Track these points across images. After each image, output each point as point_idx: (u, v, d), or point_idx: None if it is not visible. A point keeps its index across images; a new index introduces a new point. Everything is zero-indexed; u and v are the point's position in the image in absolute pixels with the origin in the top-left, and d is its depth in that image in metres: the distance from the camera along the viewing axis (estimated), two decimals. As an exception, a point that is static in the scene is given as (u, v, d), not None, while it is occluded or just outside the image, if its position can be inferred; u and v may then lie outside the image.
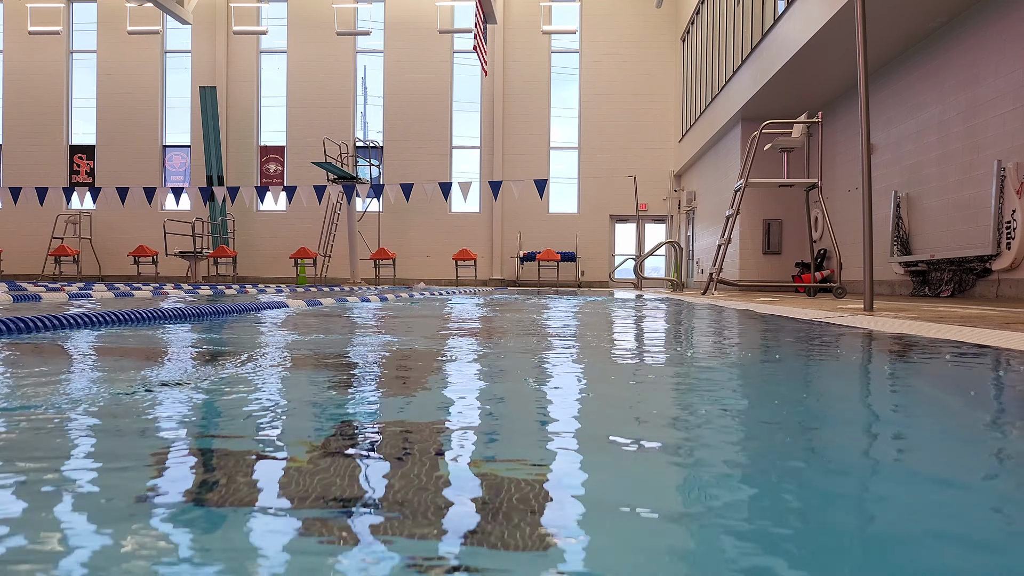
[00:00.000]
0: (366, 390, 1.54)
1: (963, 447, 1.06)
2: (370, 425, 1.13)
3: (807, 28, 9.34)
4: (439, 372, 1.85)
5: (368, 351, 2.38)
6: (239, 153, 20.49)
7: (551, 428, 1.14)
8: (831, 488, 0.81)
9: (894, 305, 5.71)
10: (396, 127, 20.23)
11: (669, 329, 3.97)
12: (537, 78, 20.17)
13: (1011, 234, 7.30)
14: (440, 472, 0.83)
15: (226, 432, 1.08)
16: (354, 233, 17.78)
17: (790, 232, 13.73)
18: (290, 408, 1.29)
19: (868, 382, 1.88)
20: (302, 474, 0.83)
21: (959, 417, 1.32)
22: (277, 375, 1.71)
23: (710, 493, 0.77)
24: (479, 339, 2.96)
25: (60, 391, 1.41)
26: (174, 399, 1.34)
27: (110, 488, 0.78)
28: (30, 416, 1.15)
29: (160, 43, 20.65)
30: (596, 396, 1.54)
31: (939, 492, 0.80)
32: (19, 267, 20.40)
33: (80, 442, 1.01)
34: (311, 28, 20.14)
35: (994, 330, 2.79)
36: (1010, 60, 7.39)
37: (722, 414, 1.27)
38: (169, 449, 0.95)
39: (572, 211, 20.33)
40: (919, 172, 9.31)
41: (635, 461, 0.93)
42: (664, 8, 19.56)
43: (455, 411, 1.27)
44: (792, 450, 1.01)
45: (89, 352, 2.25)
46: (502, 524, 0.63)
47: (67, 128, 20.93)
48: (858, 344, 2.85)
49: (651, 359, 2.35)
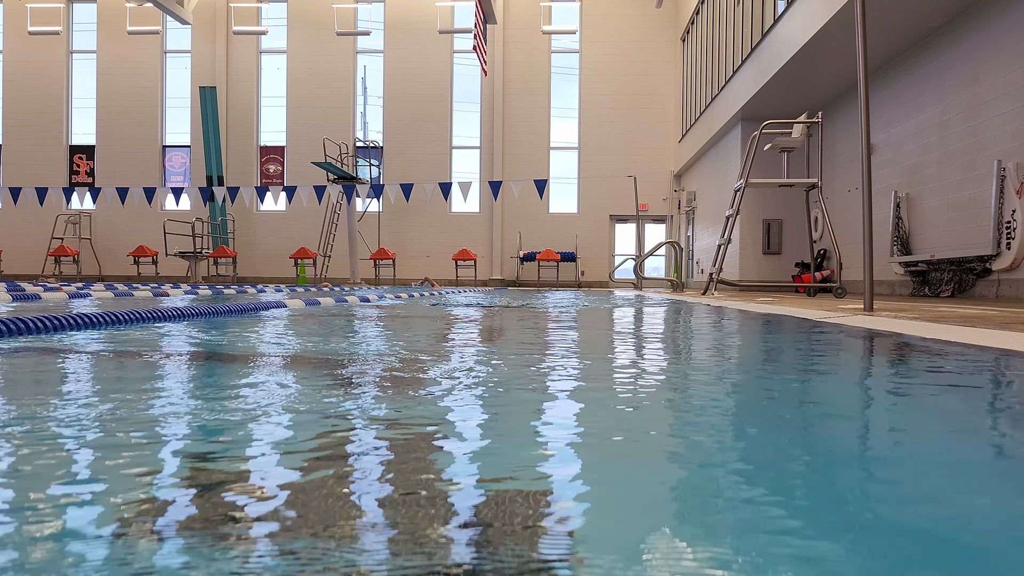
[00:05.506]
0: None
1: (964, 447, 1.06)
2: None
3: (807, 28, 9.34)
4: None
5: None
6: (239, 153, 20.50)
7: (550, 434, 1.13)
8: (831, 487, 0.80)
9: (894, 305, 5.71)
10: (396, 127, 20.23)
11: (668, 330, 3.96)
12: (537, 78, 20.18)
13: (1011, 234, 7.30)
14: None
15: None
16: (354, 233, 17.79)
17: (790, 232, 13.72)
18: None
19: (868, 382, 1.87)
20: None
21: (959, 417, 1.32)
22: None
23: (709, 493, 0.77)
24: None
25: (57, 391, 1.40)
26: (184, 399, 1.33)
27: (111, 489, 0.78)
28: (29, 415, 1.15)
29: (160, 43, 20.66)
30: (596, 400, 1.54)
31: (943, 508, 0.79)
32: (19, 267, 20.40)
33: (79, 442, 1.01)
34: (311, 28, 20.14)
35: (994, 330, 2.79)
36: (1010, 60, 7.39)
37: (722, 415, 1.27)
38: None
39: (572, 211, 20.34)
40: (919, 172, 9.31)
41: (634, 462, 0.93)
42: (664, 8, 19.56)
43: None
44: (793, 454, 1.00)
45: (87, 352, 2.24)
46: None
47: (67, 128, 20.93)
48: (858, 344, 2.85)
49: (651, 359, 2.34)
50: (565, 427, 1.14)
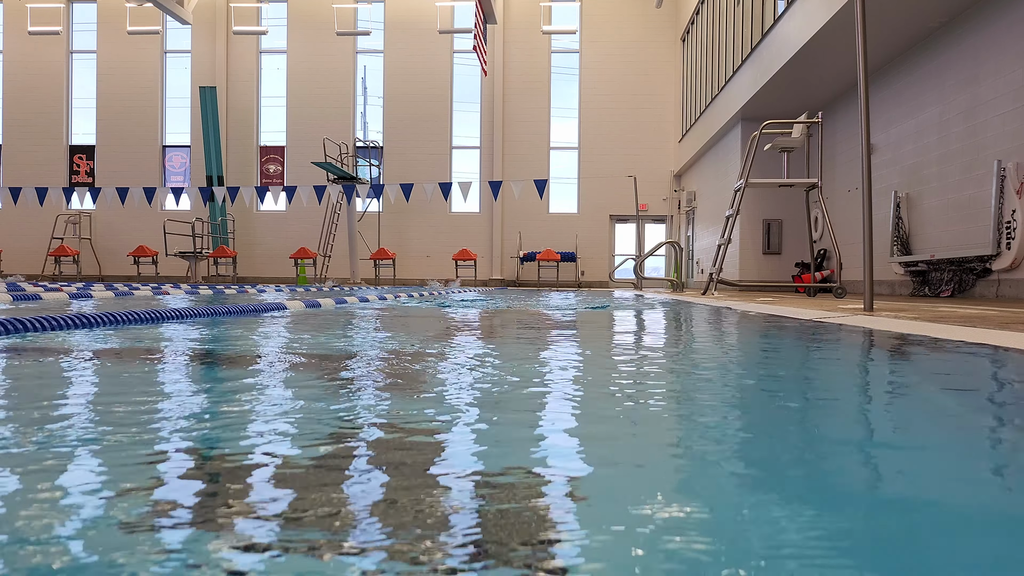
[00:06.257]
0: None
1: (963, 448, 1.06)
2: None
3: (807, 28, 9.34)
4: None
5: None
6: (239, 153, 20.49)
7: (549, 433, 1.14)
8: (829, 489, 0.80)
9: (894, 305, 5.71)
10: (396, 127, 20.23)
11: (668, 330, 3.96)
12: (537, 78, 20.17)
13: (1011, 234, 7.30)
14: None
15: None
16: (354, 233, 17.79)
17: (790, 232, 13.72)
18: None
19: (868, 382, 1.87)
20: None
21: (960, 417, 1.32)
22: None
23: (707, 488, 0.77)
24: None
25: (55, 392, 1.40)
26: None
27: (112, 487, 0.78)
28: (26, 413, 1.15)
29: (160, 43, 20.65)
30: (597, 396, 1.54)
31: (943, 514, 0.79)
32: (19, 267, 20.40)
33: (79, 441, 1.01)
34: (311, 28, 20.14)
35: (994, 330, 2.79)
36: (1010, 60, 7.39)
37: (722, 416, 1.27)
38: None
39: (572, 211, 20.33)
40: (919, 172, 9.31)
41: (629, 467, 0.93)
42: (664, 8, 19.56)
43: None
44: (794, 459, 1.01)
45: (84, 352, 2.24)
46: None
47: (67, 128, 20.93)
48: (858, 344, 2.85)
49: (650, 361, 2.34)
50: (566, 429, 1.14)
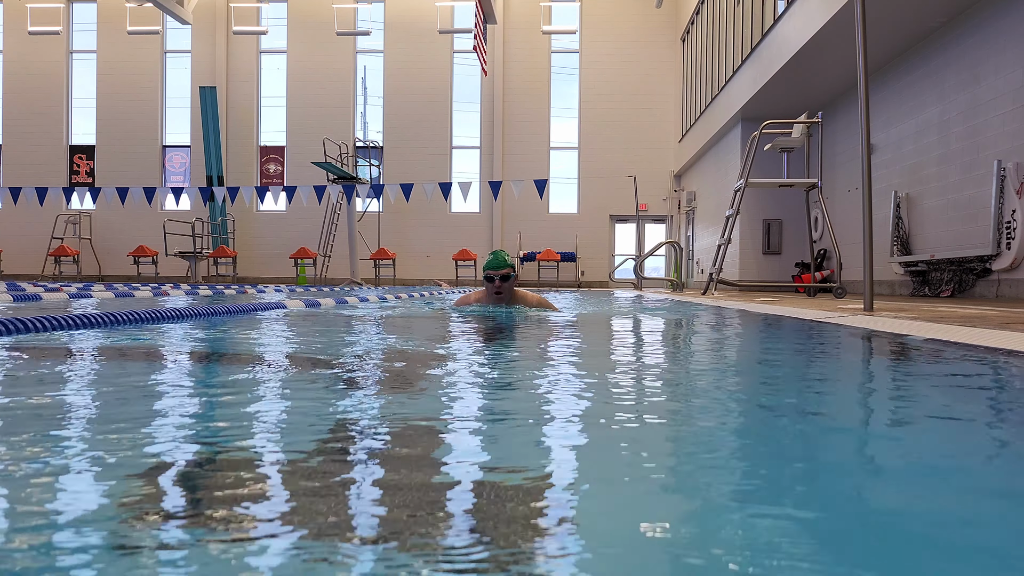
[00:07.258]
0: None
1: (963, 447, 1.06)
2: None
3: (807, 28, 9.34)
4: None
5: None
6: (239, 153, 20.50)
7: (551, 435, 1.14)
8: (828, 488, 0.81)
9: (894, 305, 5.71)
10: (396, 127, 20.23)
11: (668, 331, 3.97)
12: (537, 78, 20.17)
13: (1011, 234, 7.30)
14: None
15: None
16: (354, 233, 17.78)
17: (790, 232, 13.72)
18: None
19: (868, 382, 1.87)
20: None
21: (960, 417, 1.32)
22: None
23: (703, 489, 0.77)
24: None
25: (54, 392, 1.40)
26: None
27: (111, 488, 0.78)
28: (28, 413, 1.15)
29: (160, 43, 20.65)
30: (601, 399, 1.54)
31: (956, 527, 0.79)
32: (19, 267, 20.40)
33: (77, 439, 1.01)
34: (311, 28, 20.14)
35: (994, 330, 2.79)
36: (1010, 60, 7.39)
37: (724, 414, 1.27)
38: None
39: (572, 211, 20.34)
40: (919, 172, 9.31)
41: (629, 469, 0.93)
42: (664, 8, 19.56)
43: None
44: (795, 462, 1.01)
45: (83, 352, 2.24)
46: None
47: (67, 128, 20.93)
48: (858, 345, 2.85)
49: (649, 361, 2.34)
50: (568, 429, 1.14)
